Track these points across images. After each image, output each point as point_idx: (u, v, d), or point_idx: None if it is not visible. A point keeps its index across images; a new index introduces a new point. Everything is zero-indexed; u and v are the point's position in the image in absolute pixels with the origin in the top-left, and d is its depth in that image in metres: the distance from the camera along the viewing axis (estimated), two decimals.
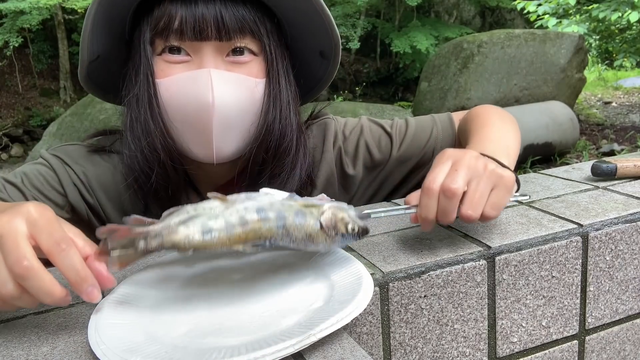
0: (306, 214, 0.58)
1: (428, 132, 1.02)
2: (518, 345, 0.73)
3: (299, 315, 0.54)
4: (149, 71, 0.82)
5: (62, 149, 0.93)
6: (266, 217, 0.56)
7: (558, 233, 0.72)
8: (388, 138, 1.01)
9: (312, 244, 0.58)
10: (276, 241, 0.56)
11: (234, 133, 0.84)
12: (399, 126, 1.02)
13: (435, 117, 1.06)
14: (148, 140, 0.83)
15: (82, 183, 0.89)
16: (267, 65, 0.86)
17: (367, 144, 1.00)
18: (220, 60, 0.81)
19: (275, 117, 0.86)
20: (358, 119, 1.05)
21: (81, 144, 0.95)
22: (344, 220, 0.59)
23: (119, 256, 0.53)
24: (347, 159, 1.00)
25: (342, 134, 1.01)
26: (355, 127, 1.02)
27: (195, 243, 0.53)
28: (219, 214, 0.56)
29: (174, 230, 0.54)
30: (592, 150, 5.25)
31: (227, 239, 0.54)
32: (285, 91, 0.88)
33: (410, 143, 1.01)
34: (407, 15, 9.31)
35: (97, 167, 0.91)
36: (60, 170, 0.89)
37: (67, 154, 0.91)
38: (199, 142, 0.83)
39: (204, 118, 0.80)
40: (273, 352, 0.48)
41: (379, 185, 1.03)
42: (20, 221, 0.52)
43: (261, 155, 0.88)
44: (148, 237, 0.53)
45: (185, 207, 0.58)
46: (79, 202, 0.89)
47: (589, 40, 9.08)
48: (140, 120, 0.83)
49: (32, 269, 0.50)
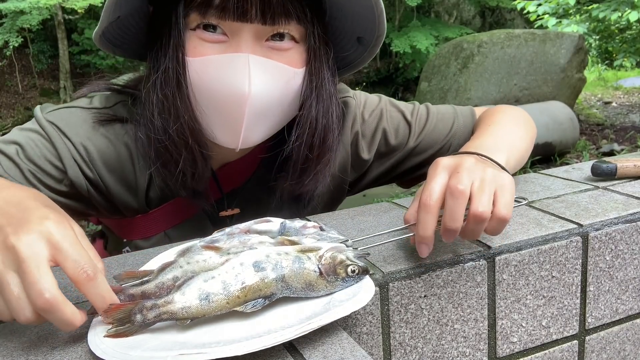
0: (304, 261, 0.56)
1: (448, 127, 0.99)
2: (518, 345, 0.73)
3: (299, 314, 0.54)
4: (180, 48, 0.75)
5: (60, 114, 0.84)
6: (265, 276, 0.54)
7: (558, 233, 0.72)
8: (407, 127, 0.97)
9: (313, 291, 0.56)
10: (275, 295, 0.55)
11: (264, 123, 0.79)
12: (420, 115, 0.98)
13: (458, 111, 1.02)
14: (177, 124, 0.76)
15: (82, 158, 0.82)
16: (309, 54, 0.79)
17: (385, 131, 0.96)
18: (259, 46, 0.75)
19: (318, 111, 0.81)
20: (378, 100, 0.99)
21: (82, 107, 0.86)
22: (344, 264, 0.57)
23: (117, 331, 0.52)
24: (363, 144, 0.96)
25: (360, 117, 0.96)
26: (375, 109, 0.97)
27: (193, 312, 0.52)
28: (214, 270, 0.55)
29: (170, 300, 0.53)
30: (592, 150, 5.25)
31: (226, 302, 0.53)
32: (327, 83, 0.82)
33: (429, 135, 0.97)
34: (407, 15, 9.31)
35: (100, 139, 0.84)
36: (59, 143, 0.81)
37: (66, 123, 0.83)
38: (226, 129, 0.78)
39: (237, 107, 0.75)
40: (271, 339, 0.48)
41: (389, 171, 1.00)
42: (42, 245, 0.50)
43: (305, 154, 0.82)
44: (144, 309, 0.52)
45: (178, 261, 0.57)
46: (79, 177, 0.83)
47: (589, 40, 9.08)
48: (167, 99, 0.76)
49: (55, 304, 0.49)
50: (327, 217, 0.85)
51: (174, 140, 0.77)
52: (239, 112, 0.75)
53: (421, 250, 0.63)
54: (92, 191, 0.84)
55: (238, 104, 0.74)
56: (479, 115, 1.02)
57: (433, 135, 0.98)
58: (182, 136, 0.77)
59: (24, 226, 0.51)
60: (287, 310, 0.55)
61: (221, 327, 0.53)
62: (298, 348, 0.51)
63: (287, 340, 0.49)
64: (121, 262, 0.74)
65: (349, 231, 0.76)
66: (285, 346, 0.51)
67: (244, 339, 0.49)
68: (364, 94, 1.00)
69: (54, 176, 0.81)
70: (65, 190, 0.83)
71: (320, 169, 0.85)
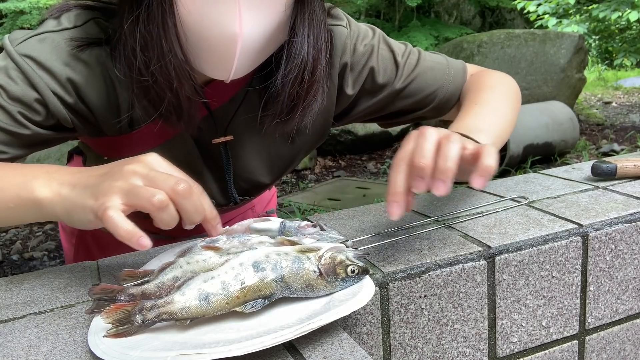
0: (304, 261, 0.57)
1: (438, 76, 0.97)
2: (518, 345, 0.73)
3: (299, 314, 0.54)
4: None
5: (32, 45, 0.78)
6: (264, 276, 0.54)
7: (558, 233, 0.72)
8: (395, 67, 0.95)
9: (313, 292, 0.57)
10: (275, 296, 0.55)
11: (255, 57, 0.77)
12: (410, 59, 0.96)
13: (450, 63, 1.00)
14: (159, 63, 0.73)
15: (63, 86, 0.78)
16: None
17: (372, 69, 0.93)
18: None
19: (309, 45, 0.79)
20: (372, 33, 0.96)
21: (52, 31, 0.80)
22: (344, 264, 0.57)
23: (117, 331, 0.52)
24: (349, 77, 0.93)
25: (352, 48, 0.91)
26: (367, 43, 0.94)
27: (192, 312, 0.52)
28: (214, 271, 0.55)
29: (169, 300, 0.53)
30: (592, 150, 5.25)
31: (226, 302, 0.53)
32: (319, 11, 0.79)
33: (417, 80, 0.95)
34: (407, 15, 9.30)
35: (79, 66, 0.79)
36: (35, 78, 0.77)
37: (40, 53, 0.78)
38: (216, 66, 0.76)
39: (228, 47, 0.72)
40: (271, 339, 0.48)
41: (375, 109, 0.98)
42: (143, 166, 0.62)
43: (295, 90, 0.80)
44: (144, 309, 0.52)
45: (178, 261, 0.57)
46: (59, 108, 0.79)
47: (589, 40, 9.08)
48: (152, 36, 0.72)
49: (193, 191, 0.59)
50: (327, 217, 0.85)
51: (157, 80, 0.74)
52: (230, 52, 0.73)
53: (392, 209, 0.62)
54: (75, 119, 0.82)
55: (229, 44, 0.72)
56: (471, 72, 1.00)
57: (421, 82, 0.96)
58: (167, 77, 0.74)
59: (128, 162, 0.62)
60: (286, 311, 0.55)
61: (221, 327, 0.53)
62: (298, 348, 0.51)
63: (287, 340, 0.49)
64: (121, 262, 0.74)
65: (349, 231, 0.76)
66: (285, 346, 0.51)
67: (244, 339, 0.49)
68: (358, 24, 0.97)
69: (39, 111, 0.78)
70: (52, 123, 0.80)
71: (309, 102, 0.83)
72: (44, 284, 0.69)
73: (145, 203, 0.58)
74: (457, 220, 0.78)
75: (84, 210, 0.62)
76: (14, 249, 3.29)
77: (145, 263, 0.69)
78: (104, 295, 0.55)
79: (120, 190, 0.59)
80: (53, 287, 0.68)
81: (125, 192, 0.59)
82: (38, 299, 0.65)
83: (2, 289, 0.68)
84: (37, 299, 0.64)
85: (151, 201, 0.57)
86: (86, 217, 0.62)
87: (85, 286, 0.67)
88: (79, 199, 0.63)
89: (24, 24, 7.20)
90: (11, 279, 0.71)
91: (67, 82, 0.79)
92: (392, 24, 9.37)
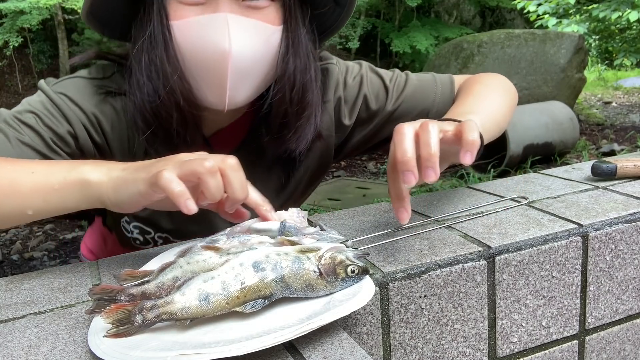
0: (304, 261, 0.57)
1: (427, 94, 1.00)
2: (518, 345, 0.73)
3: (299, 314, 0.54)
4: (163, 12, 0.78)
5: (66, 85, 0.87)
6: (264, 276, 0.54)
7: (558, 233, 0.72)
8: (385, 92, 0.99)
9: (313, 292, 0.56)
10: (275, 296, 0.55)
11: (248, 81, 0.82)
12: (398, 82, 1.01)
13: (437, 78, 1.03)
14: (165, 83, 0.80)
15: (92, 124, 0.86)
16: (285, 12, 0.83)
17: (366, 97, 0.98)
18: (236, 5, 0.78)
19: (295, 67, 0.84)
20: (359, 66, 1.02)
21: (84, 77, 0.89)
22: (344, 264, 0.57)
23: (117, 331, 0.52)
24: (345, 109, 0.98)
25: (343, 82, 0.99)
26: (356, 75, 1.00)
27: (192, 312, 0.52)
28: (214, 271, 0.55)
29: (169, 300, 0.53)
30: (592, 150, 5.25)
31: (226, 302, 0.53)
32: (304, 39, 0.86)
33: (407, 100, 0.99)
34: (407, 15, 9.30)
35: (108, 108, 0.87)
36: (68, 111, 0.84)
37: (74, 92, 0.86)
38: (212, 89, 0.81)
39: (220, 64, 0.78)
40: (271, 339, 0.48)
41: (370, 137, 1.02)
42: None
43: (284, 108, 0.86)
44: (144, 309, 0.52)
45: (178, 261, 0.57)
46: (88, 142, 0.86)
47: (589, 40, 9.07)
48: (155, 62, 0.80)
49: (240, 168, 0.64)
50: (327, 217, 0.85)
51: (164, 101, 0.81)
52: (222, 70, 0.78)
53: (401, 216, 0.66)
54: (98, 157, 0.88)
55: (221, 61, 0.78)
56: (459, 82, 1.03)
57: (411, 100, 1.00)
58: (173, 96, 0.81)
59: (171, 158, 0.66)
60: (286, 311, 0.55)
61: (221, 327, 0.53)
62: (298, 348, 0.51)
63: (287, 340, 0.49)
64: (121, 262, 0.74)
65: (349, 231, 0.76)
66: (285, 346, 0.51)
67: (244, 339, 0.49)
68: (345, 62, 1.03)
69: (69, 143, 0.85)
70: (79, 156, 0.86)
71: (302, 124, 0.88)
72: (44, 284, 0.69)
73: (197, 166, 0.61)
74: (457, 220, 0.78)
75: (135, 182, 0.65)
76: (14, 249, 3.29)
77: (145, 263, 0.69)
78: (104, 295, 0.55)
79: (174, 164, 0.63)
80: (53, 287, 0.68)
81: (178, 164, 0.63)
82: (38, 299, 0.65)
83: (2, 289, 0.68)
84: (37, 299, 0.64)
85: (203, 164, 0.61)
86: (137, 187, 0.65)
87: (85, 286, 0.67)
88: (130, 176, 0.67)
89: (24, 24, 7.20)
90: (11, 279, 0.71)
91: (95, 121, 0.86)
92: (392, 24, 9.37)
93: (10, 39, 7.33)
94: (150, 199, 0.66)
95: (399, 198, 0.65)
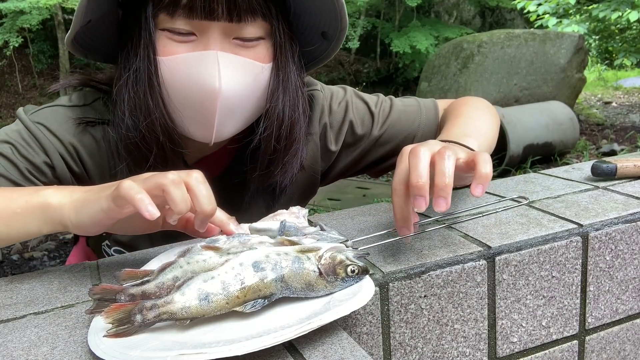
0: (304, 261, 0.57)
1: (412, 119, 1.01)
2: (518, 345, 0.73)
3: (299, 314, 0.54)
4: (151, 48, 0.78)
5: (45, 114, 0.86)
6: (264, 276, 0.54)
7: (558, 233, 0.72)
8: (371, 117, 1.00)
9: (313, 292, 0.56)
10: (275, 296, 0.55)
11: (236, 117, 0.82)
12: (384, 107, 1.01)
13: (421, 103, 1.04)
14: (147, 120, 0.79)
15: (70, 154, 0.85)
16: (275, 50, 0.82)
17: (351, 122, 0.99)
18: (227, 43, 0.78)
19: (285, 104, 0.84)
20: (344, 92, 1.02)
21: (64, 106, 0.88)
22: (344, 264, 0.57)
23: (117, 331, 0.52)
24: (331, 135, 0.98)
25: (328, 108, 0.99)
26: (341, 101, 1.00)
27: (192, 312, 0.52)
28: (214, 271, 0.55)
29: (169, 300, 0.53)
30: (592, 150, 5.25)
31: (226, 302, 0.53)
32: (294, 76, 0.86)
33: (392, 125, 1.00)
34: (407, 15, 9.30)
35: (87, 138, 0.86)
36: (45, 141, 0.83)
37: (52, 122, 0.85)
38: (199, 124, 0.81)
39: (209, 102, 0.77)
40: (271, 339, 0.48)
41: (357, 161, 1.02)
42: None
43: (272, 145, 0.85)
44: (144, 309, 0.52)
45: (178, 261, 0.57)
46: (65, 172, 0.85)
47: (589, 40, 9.07)
48: (139, 97, 0.79)
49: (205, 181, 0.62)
50: (327, 217, 0.85)
51: (145, 136, 0.80)
52: (211, 108, 0.78)
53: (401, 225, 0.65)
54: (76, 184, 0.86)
55: (210, 99, 0.77)
56: (442, 107, 1.04)
57: (397, 125, 1.00)
58: (153, 133, 0.80)
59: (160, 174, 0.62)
60: (286, 310, 0.55)
61: (221, 327, 0.53)
62: (298, 348, 0.51)
63: (287, 340, 0.49)
64: (121, 262, 0.74)
65: (349, 231, 0.76)
66: (285, 346, 0.51)
67: (244, 339, 0.49)
68: (330, 87, 1.03)
69: (45, 173, 0.84)
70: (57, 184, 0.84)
71: (288, 160, 0.88)
72: (44, 284, 0.69)
73: (160, 178, 0.60)
74: (457, 220, 0.78)
75: (98, 200, 0.64)
76: (14, 249, 3.29)
77: (145, 263, 0.69)
78: (104, 295, 0.55)
79: (138, 181, 0.61)
80: (53, 287, 0.68)
81: (142, 180, 0.61)
82: (38, 299, 0.65)
83: (2, 289, 0.68)
84: (37, 299, 0.64)
85: (166, 176, 0.60)
86: (99, 205, 0.63)
87: (85, 286, 0.67)
88: (93, 196, 0.65)
89: (24, 24, 7.20)
90: (11, 279, 0.71)
91: (73, 151, 0.86)
92: (392, 24, 9.38)
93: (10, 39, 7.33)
94: (114, 216, 0.63)
95: (405, 219, 0.65)
